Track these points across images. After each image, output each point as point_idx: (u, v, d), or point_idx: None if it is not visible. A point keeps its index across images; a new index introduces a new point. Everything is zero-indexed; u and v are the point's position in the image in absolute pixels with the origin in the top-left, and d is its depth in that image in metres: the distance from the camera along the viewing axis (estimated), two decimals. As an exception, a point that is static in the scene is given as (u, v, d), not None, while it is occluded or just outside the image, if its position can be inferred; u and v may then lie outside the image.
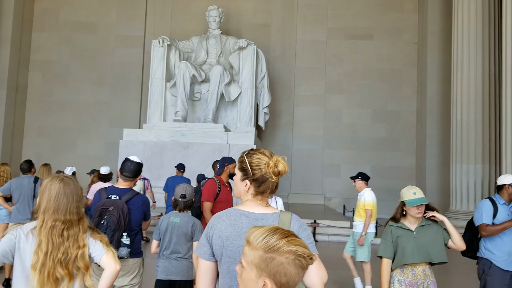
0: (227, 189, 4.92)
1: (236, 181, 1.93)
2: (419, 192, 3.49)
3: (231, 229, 1.79)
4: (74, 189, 2.29)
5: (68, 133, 17.44)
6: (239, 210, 1.85)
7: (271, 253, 1.24)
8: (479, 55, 12.38)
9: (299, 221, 1.87)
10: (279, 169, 1.87)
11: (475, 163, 12.30)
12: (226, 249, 1.77)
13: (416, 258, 3.38)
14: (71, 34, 17.75)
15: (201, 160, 12.96)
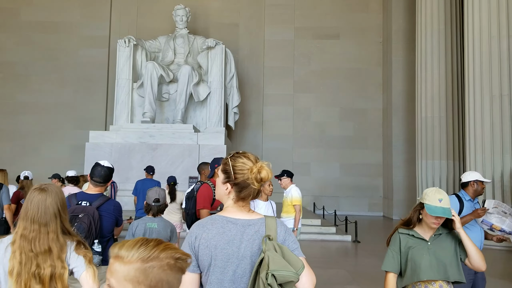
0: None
1: (218, 183, 1.87)
2: (446, 200, 2.82)
3: (220, 238, 1.73)
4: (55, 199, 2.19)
5: (31, 137, 16.86)
6: (225, 217, 1.79)
7: (151, 262, 1.17)
8: (442, 53, 12.74)
9: (285, 226, 1.85)
10: (262, 176, 1.82)
11: (440, 159, 12.65)
12: (215, 258, 1.71)
13: (431, 275, 2.76)
14: (32, 34, 17.18)
15: (171, 161, 12.80)
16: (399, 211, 15.53)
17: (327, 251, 9.14)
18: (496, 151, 9.80)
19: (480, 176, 4.10)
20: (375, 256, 8.51)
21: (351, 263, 8.17)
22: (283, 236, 1.79)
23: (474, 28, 10.17)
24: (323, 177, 16.82)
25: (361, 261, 8.35)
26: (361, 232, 10.70)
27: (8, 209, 5.81)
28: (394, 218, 15.47)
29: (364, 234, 10.88)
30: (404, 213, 15.27)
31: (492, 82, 9.87)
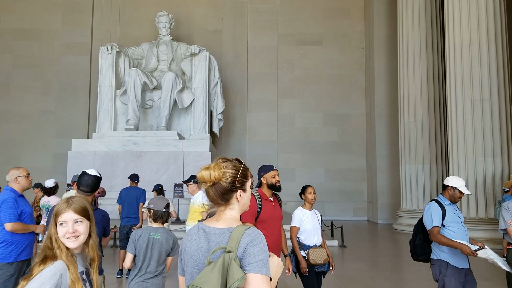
0: (271, 204, 4.04)
1: (248, 195, 1.92)
2: None
3: (191, 245, 1.82)
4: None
5: (12, 145, 16.54)
6: (202, 224, 1.87)
7: None
8: (424, 59, 12.95)
9: (252, 236, 1.75)
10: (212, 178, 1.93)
11: (423, 163, 12.82)
12: (186, 264, 1.82)
13: None
14: (13, 42, 16.91)
15: (156, 169, 12.69)
16: (384, 215, 15.66)
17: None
18: (478, 155, 9.97)
19: (462, 185, 4.09)
20: (362, 261, 8.54)
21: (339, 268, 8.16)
22: (243, 247, 1.72)
23: (454, 34, 10.37)
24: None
25: (348, 265, 8.37)
26: (347, 237, 10.74)
27: None
28: (378, 222, 15.58)
29: (350, 239, 10.92)
30: (388, 218, 15.41)
31: (473, 87, 10.05)
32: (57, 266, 1.97)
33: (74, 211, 2.02)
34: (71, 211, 2.01)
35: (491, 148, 9.89)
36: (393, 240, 11.99)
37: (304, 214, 4.73)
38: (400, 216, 13.28)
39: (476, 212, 9.90)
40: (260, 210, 3.89)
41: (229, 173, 1.85)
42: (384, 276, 7.36)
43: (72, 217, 2.01)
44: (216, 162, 1.89)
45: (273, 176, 4.01)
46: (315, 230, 4.69)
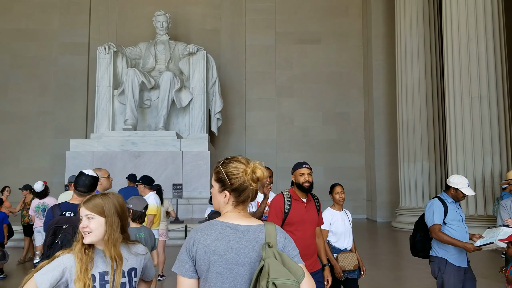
0: (303, 205, 3.65)
1: (214, 193, 1.82)
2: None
3: (218, 243, 1.68)
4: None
5: (10, 146, 16.49)
6: (224, 222, 1.75)
7: None
8: (422, 56, 12.94)
9: (284, 232, 1.82)
10: (257, 176, 1.81)
11: (421, 161, 12.82)
12: (214, 264, 1.67)
13: None
14: (10, 42, 16.85)
15: (154, 169, 12.66)
16: (383, 213, 15.66)
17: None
18: (477, 152, 9.97)
19: (465, 185, 4.04)
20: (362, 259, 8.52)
21: (338, 267, 8.16)
22: (283, 243, 1.76)
23: (452, 31, 10.36)
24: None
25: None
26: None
27: None
28: (378, 220, 15.58)
29: (350, 237, 10.91)
30: (387, 216, 15.42)
31: (471, 84, 10.05)
32: (63, 259, 2.02)
33: (86, 207, 2.05)
34: (83, 207, 2.05)
35: (490, 145, 9.90)
36: (392, 238, 11.98)
37: (334, 215, 4.42)
38: (399, 214, 13.28)
39: (475, 209, 9.90)
40: (288, 212, 3.56)
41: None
42: (384, 274, 7.35)
43: (84, 213, 2.04)
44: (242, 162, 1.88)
45: (300, 174, 3.68)
46: (346, 233, 4.40)
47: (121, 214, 2.10)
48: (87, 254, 2.00)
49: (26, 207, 8.74)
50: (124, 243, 2.12)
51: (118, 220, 2.07)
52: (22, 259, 8.43)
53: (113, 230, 2.04)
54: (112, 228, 2.04)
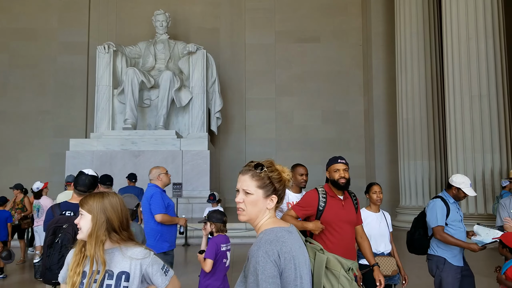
0: (340, 203, 3.37)
1: (255, 199, 1.78)
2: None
3: (293, 248, 1.71)
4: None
5: (9, 146, 16.48)
6: (281, 228, 1.76)
7: None
8: (422, 55, 12.93)
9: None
10: (289, 178, 1.88)
11: (421, 159, 12.81)
12: (297, 269, 1.67)
13: None
14: (9, 41, 16.84)
15: (154, 168, 12.65)
16: (383, 212, 15.65)
17: (313, 254, 9.10)
18: (477, 150, 9.96)
19: (467, 185, 4.02)
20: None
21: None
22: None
23: (452, 29, 10.35)
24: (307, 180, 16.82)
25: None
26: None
27: None
28: (378, 219, 15.57)
29: (350, 236, 10.90)
30: (388, 214, 15.41)
31: (471, 83, 10.04)
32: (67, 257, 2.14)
33: (80, 204, 2.07)
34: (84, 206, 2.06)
35: (490, 144, 9.89)
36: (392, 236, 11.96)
37: (368, 217, 4.09)
38: (399, 212, 13.28)
39: (475, 208, 9.90)
40: (322, 209, 3.24)
41: None
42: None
43: (80, 210, 2.08)
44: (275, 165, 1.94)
45: (335, 170, 3.40)
46: (383, 236, 4.08)
47: (112, 213, 2.03)
48: (82, 252, 2.01)
49: (16, 207, 8.70)
50: (117, 244, 2.05)
51: (104, 218, 2.00)
52: (22, 259, 8.43)
53: (96, 228, 1.98)
54: (97, 226, 1.99)
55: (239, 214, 1.82)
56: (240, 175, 1.88)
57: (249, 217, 1.79)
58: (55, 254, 3.02)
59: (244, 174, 1.85)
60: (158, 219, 4.54)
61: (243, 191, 1.81)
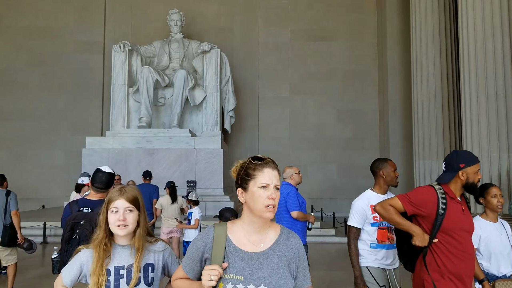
0: (460, 207, 2.71)
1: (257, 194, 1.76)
2: None
3: None
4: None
5: (27, 143, 16.76)
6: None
7: None
8: (437, 53, 12.79)
9: None
10: None
11: (437, 158, 12.67)
12: None
13: None
14: (27, 41, 17.12)
15: (168, 166, 12.76)
16: (397, 211, 15.54)
17: (327, 253, 9.11)
18: (493, 150, 9.82)
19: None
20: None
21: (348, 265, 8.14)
22: None
23: (468, 28, 10.21)
24: (320, 180, 16.81)
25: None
26: (360, 234, 10.66)
27: (16, 215, 5.92)
28: (392, 218, 15.46)
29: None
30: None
31: (487, 82, 9.90)
32: (80, 255, 2.09)
33: (126, 199, 2.07)
34: (123, 199, 2.05)
35: (506, 143, 9.74)
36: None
37: (486, 228, 3.28)
38: (413, 212, 13.16)
39: (491, 208, 9.77)
40: (443, 214, 2.61)
41: (237, 170, 1.83)
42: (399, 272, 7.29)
43: (124, 205, 2.05)
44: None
45: (476, 172, 2.76)
46: (506, 253, 3.24)
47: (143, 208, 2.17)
48: (105, 250, 2.03)
49: None
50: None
51: (145, 214, 2.14)
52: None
53: (145, 223, 2.10)
54: (145, 221, 2.10)
55: (269, 211, 1.74)
56: (270, 169, 1.80)
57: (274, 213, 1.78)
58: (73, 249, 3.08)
59: (274, 169, 1.81)
60: (294, 215, 4.85)
61: (275, 187, 1.77)
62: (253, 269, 1.71)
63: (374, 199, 3.34)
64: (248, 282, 1.69)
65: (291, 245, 1.81)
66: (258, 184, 1.75)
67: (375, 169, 3.48)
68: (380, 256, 3.32)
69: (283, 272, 1.73)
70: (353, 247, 3.33)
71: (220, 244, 1.74)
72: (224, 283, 1.69)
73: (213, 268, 1.65)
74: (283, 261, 1.76)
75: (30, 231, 9.42)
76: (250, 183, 1.76)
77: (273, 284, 1.70)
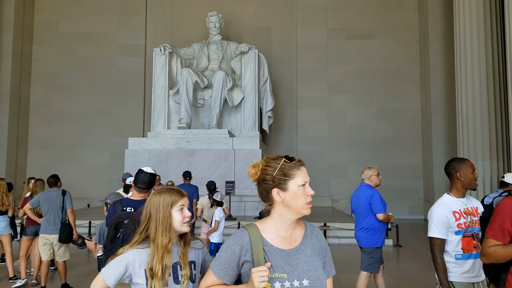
0: None
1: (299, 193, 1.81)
2: None
3: None
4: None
5: (72, 144, 17.43)
6: None
7: None
8: (482, 50, 12.31)
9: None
10: None
11: (483, 159, 12.21)
12: None
13: None
14: (71, 45, 17.80)
15: (207, 166, 12.92)
16: (441, 213, 15.08)
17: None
18: (545, 150, 9.37)
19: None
20: (418, 261, 8.28)
21: (394, 268, 7.98)
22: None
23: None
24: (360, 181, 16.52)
25: (403, 265, 8.14)
26: (403, 236, 10.45)
27: (72, 213, 6.24)
28: (435, 221, 15.01)
29: (406, 238, 10.62)
30: (446, 216, 14.83)
31: (538, 78, 9.46)
32: (126, 255, 2.10)
33: (187, 197, 2.17)
34: (185, 198, 2.14)
35: (559, 143, 9.27)
36: None
37: None
38: (458, 214, 12.73)
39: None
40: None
41: (267, 170, 1.83)
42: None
43: (186, 203, 2.14)
44: (264, 159, 1.88)
45: None
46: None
47: None
48: (166, 249, 2.06)
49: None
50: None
51: None
52: None
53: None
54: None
55: (309, 208, 1.84)
56: (304, 168, 1.86)
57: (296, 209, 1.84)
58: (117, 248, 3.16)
59: (305, 167, 1.88)
60: (380, 218, 5.01)
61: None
62: (293, 266, 1.76)
63: (454, 204, 3.13)
64: (292, 278, 1.74)
65: (317, 237, 1.91)
66: (299, 183, 1.81)
67: (451, 171, 3.18)
68: (466, 268, 3.02)
69: (318, 264, 1.82)
70: (440, 262, 3.02)
71: (258, 245, 1.77)
72: (271, 282, 1.70)
73: (262, 270, 1.67)
74: (315, 254, 1.85)
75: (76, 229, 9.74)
76: (290, 182, 1.80)
77: (313, 277, 1.77)
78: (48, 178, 6.41)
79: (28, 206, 6.28)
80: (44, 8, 18.05)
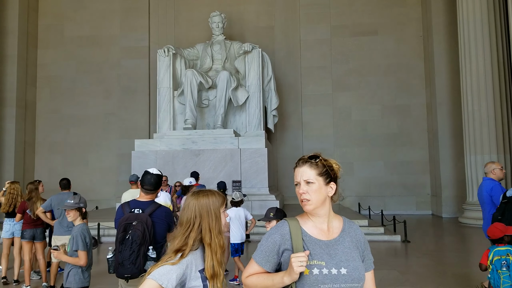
0: None
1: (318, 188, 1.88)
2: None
3: None
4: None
5: (79, 147, 17.53)
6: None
7: None
8: (487, 44, 12.25)
9: None
10: (338, 166, 2.02)
11: (489, 153, 12.15)
12: None
13: None
14: (76, 49, 17.89)
15: (213, 166, 12.95)
16: (449, 208, 15.04)
17: (376, 251, 8.93)
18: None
19: None
20: (427, 256, 8.26)
21: (402, 264, 7.97)
22: None
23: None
24: (367, 177, 16.53)
25: (412, 261, 8.13)
26: (410, 232, 10.42)
27: None
28: (443, 216, 14.97)
29: (414, 234, 10.59)
30: (454, 211, 14.78)
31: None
32: (186, 259, 1.97)
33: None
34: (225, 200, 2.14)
35: None
36: (459, 234, 11.50)
37: None
38: (466, 209, 12.69)
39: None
40: None
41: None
42: (451, 271, 7.08)
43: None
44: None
45: None
46: None
47: None
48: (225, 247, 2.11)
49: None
50: None
51: None
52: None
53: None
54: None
55: (304, 205, 1.89)
56: (297, 168, 1.96)
57: (315, 205, 1.89)
58: (127, 250, 3.20)
59: (301, 166, 1.94)
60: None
61: (305, 182, 1.90)
62: (331, 255, 1.86)
63: None
64: (330, 266, 1.83)
65: (355, 232, 1.98)
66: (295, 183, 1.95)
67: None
68: None
69: (356, 256, 1.90)
70: None
71: (297, 235, 1.88)
72: (309, 268, 1.80)
73: (301, 255, 1.76)
74: (353, 246, 1.93)
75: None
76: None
77: (351, 266, 1.85)
78: (61, 180, 6.47)
79: (41, 209, 6.32)
80: (47, 13, 18.15)
